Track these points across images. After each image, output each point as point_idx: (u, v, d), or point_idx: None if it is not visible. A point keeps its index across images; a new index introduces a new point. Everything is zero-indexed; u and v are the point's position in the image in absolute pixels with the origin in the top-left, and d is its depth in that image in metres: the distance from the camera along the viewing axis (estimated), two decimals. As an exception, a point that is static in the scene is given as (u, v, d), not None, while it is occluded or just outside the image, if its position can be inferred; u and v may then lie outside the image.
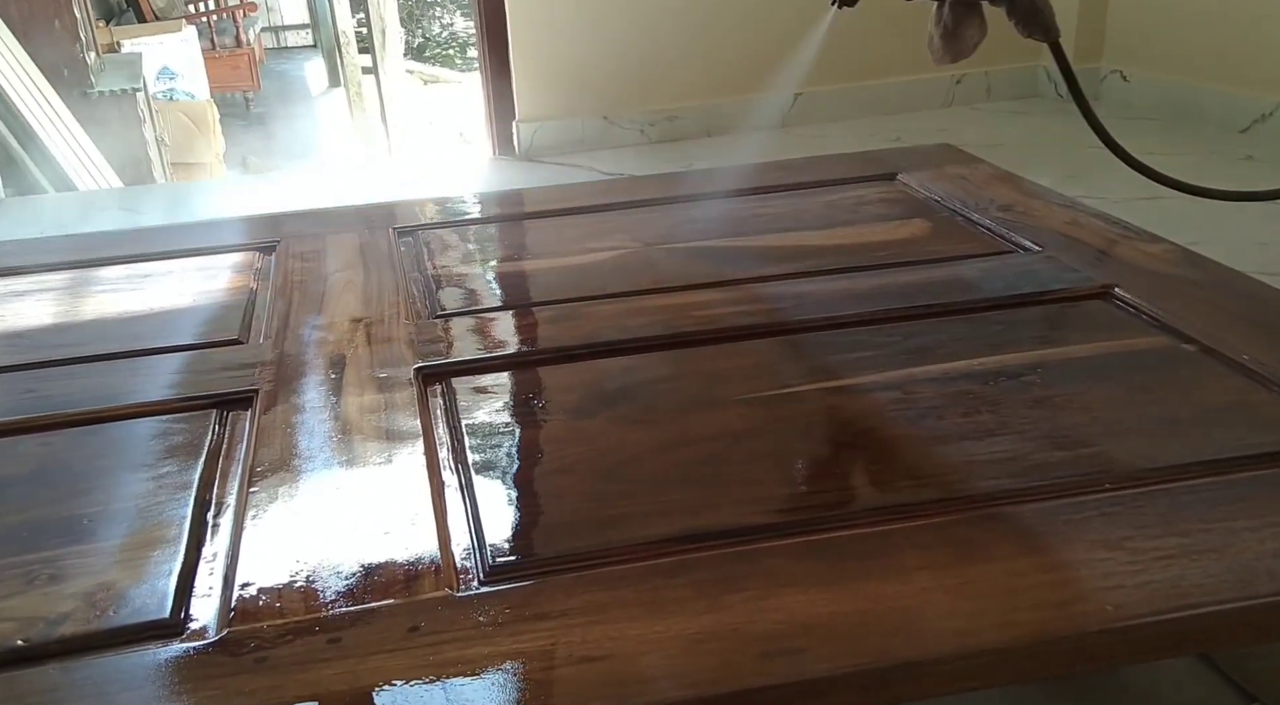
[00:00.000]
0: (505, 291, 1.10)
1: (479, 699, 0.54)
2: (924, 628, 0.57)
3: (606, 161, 2.85)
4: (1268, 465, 0.70)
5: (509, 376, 0.90)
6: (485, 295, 1.08)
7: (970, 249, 1.12)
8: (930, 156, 1.48)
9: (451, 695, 0.54)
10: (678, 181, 1.50)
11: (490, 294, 1.09)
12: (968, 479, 0.71)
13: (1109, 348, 0.88)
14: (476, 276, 1.14)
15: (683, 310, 1.01)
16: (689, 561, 0.64)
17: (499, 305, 1.05)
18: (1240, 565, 0.60)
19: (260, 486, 0.74)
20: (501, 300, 1.07)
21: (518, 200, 1.45)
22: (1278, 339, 0.87)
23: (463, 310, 1.04)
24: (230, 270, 1.18)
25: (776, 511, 0.69)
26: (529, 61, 2.91)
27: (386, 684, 0.55)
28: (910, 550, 0.64)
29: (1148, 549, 0.62)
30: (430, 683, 0.55)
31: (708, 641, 0.57)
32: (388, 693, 0.54)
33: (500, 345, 0.95)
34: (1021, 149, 2.74)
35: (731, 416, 0.82)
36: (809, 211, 1.31)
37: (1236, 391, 0.80)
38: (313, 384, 0.88)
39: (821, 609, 0.59)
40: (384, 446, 0.78)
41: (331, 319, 1.01)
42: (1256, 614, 0.58)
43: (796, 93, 3.08)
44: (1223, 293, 0.97)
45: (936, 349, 0.90)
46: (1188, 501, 0.66)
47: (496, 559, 0.65)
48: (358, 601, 0.61)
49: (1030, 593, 0.59)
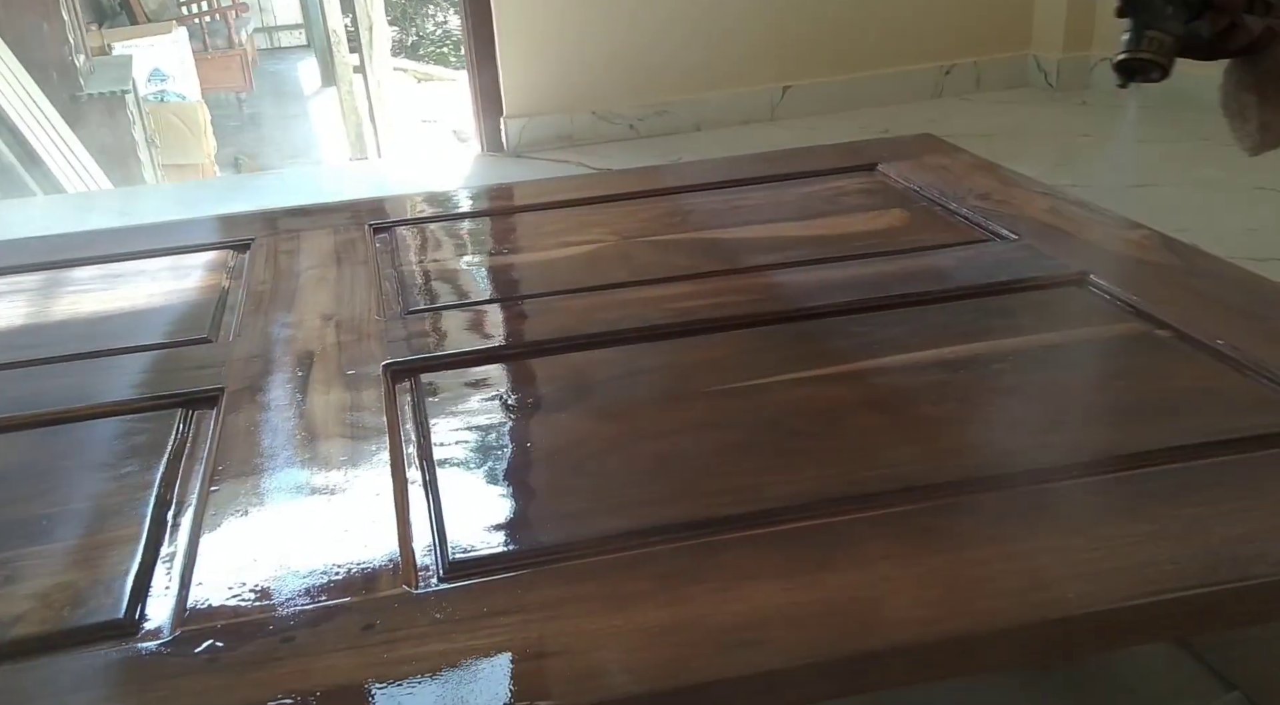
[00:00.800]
0: (478, 287, 1.09)
1: (431, 697, 0.53)
2: (885, 618, 0.57)
3: (595, 157, 2.84)
4: (1236, 450, 0.69)
5: (479, 372, 0.89)
6: (458, 291, 1.08)
7: (947, 238, 1.11)
8: (910, 147, 1.47)
9: (403, 694, 0.53)
10: (657, 175, 1.49)
11: (463, 289, 1.08)
12: (934, 468, 0.70)
13: (1082, 335, 0.88)
14: (450, 272, 1.13)
15: (657, 303, 1.00)
16: (651, 555, 0.63)
17: (471, 301, 1.05)
18: (1206, 551, 0.60)
19: (221, 486, 0.73)
20: (474, 296, 1.06)
21: (496, 196, 1.44)
22: (1251, 323, 0.86)
23: (435, 306, 1.03)
24: (203, 269, 1.18)
25: (740, 503, 0.68)
26: (516, 57, 2.90)
27: (338, 683, 0.54)
28: (874, 540, 0.63)
29: (1113, 536, 0.61)
30: (383, 682, 0.54)
31: (667, 634, 0.57)
32: (339, 692, 0.53)
33: (471, 340, 0.94)
34: (1012, 139, 2.73)
35: (700, 409, 0.81)
36: (788, 203, 1.30)
37: (1208, 377, 0.80)
38: (279, 382, 0.87)
39: (782, 600, 0.58)
40: (348, 444, 0.77)
41: (301, 317, 1.00)
42: (1221, 600, 0.57)
43: (786, 86, 3.07)
44: (1198, 278, 0.96)
45: (908, 339, 0.90)
46: (1154, 488, 0.66)
47: (456, 555, 0.64)
48: (313, 600, 0.61)
49: (993, 581, 0.58)
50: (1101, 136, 2.66)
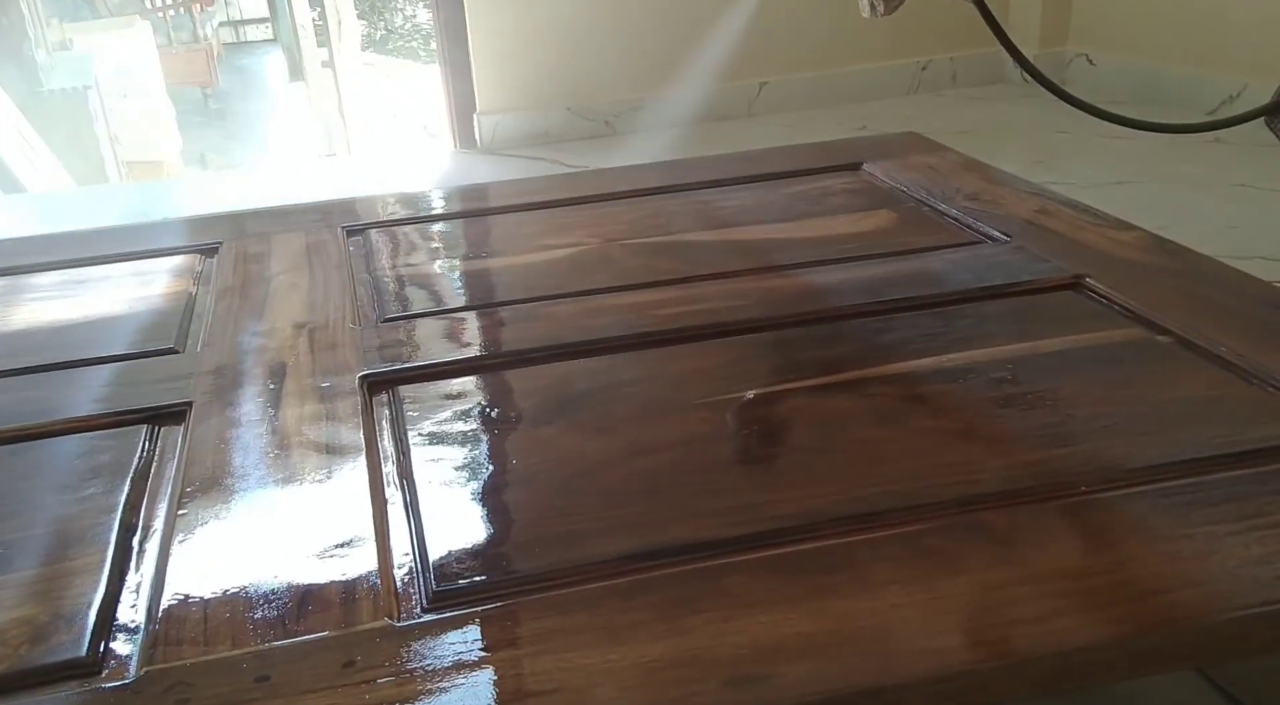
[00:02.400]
0: (458, 292, 1.05)
1: (417, 742, 0.49)
2: (896, 649, 0.54)
3: (571, 154, 2.80)
4: (1249, 464, 0.67)
5: (460, 383, 0.86)
6: (437, 297, 1.04)
7: (937, 240, 1.09)
8: (895, 145, 1.44)
9: (388, 738, 0.50)
10: (639, 175, 1.45)
11: (442, 295, 1.04)
12: (937, 484, 0.67)
13: (1082, 341, 0.85)
14: (428, 277, 1.09)
15: (644, 309, 0.97)
16: (647, 581, 0.60)
17: (451, 307, 1.01)
18: (1225, 574, 0.57)
19: (190, 508, 0.69)
20: (452, 302, 1.02)
21: (473, 196, 1.40)
22: (1255, 329, 0.84)
23: (413, 313, 0.99)
24: (169, 274, 1.13)
25: (738, 524, 0.65)
26: (489, 52, 2.86)
27: (317, 727, 0.50)
28: (878, 563, 0.60)
29: (1129, 558, 0.59)
30: (365, 724, 0.51)
31: (667, 670, 0.53)
32: (318, 737, 0.50)
33: (451, 350, 0.91)
34: (988, 135, 2.72)
35: (694, 421, 0.78)
36: (774, 204, 1.28)
37: (1214, 385, 0.78)
38: (250, 395, 0.83)
39: (787, 630, 0.56)
40: (324, 462, 0.73)
41: (273, 325, 0.96)
42: (1244, 628, 0.55)
43: (763, 82, 3.04)
44: (1197, 281, 0.94)
45: (904, 346, 0.87)
46: (1167, 505, 0.63)
47: (441, 584, 0.61)
48: (289, 634, 0.57)
49: (1007, 608, 0.56)
50: (1078, 133, 2.65)
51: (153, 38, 6.37)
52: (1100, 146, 2.53)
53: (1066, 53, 3.10)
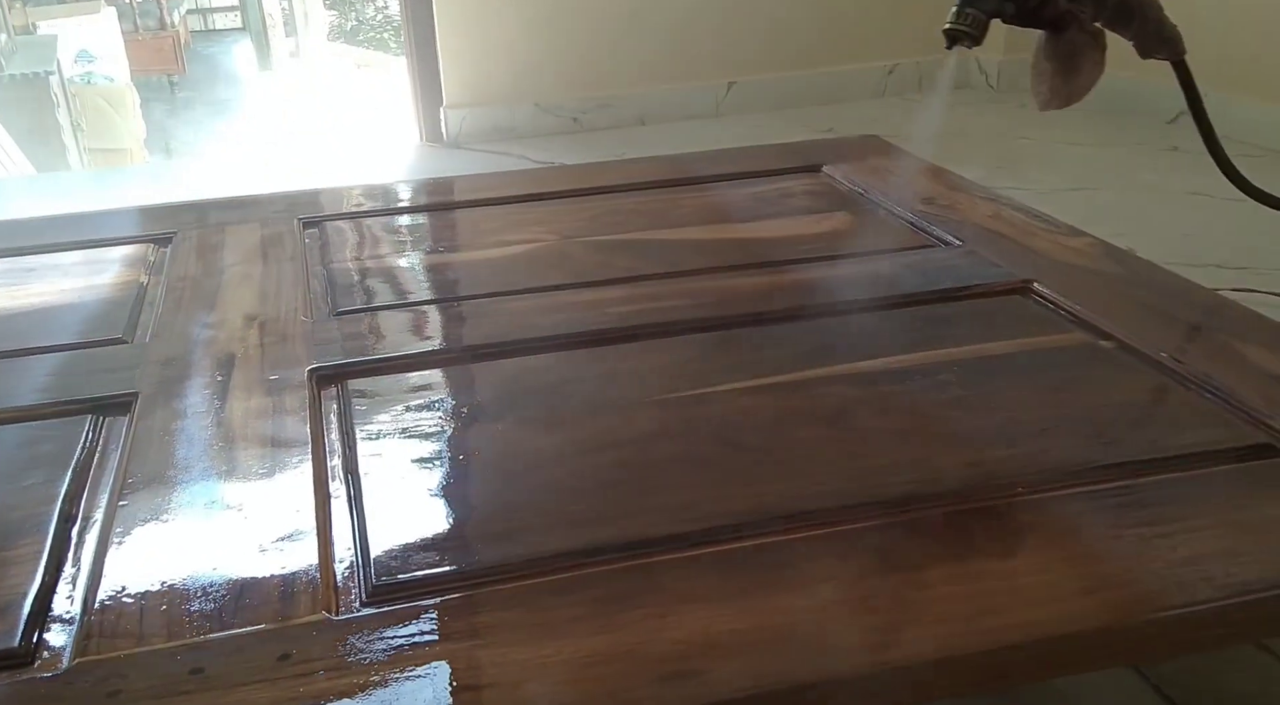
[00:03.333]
0: (412, 287, 1.05)
1: (349, 735, 0.50)
2: (828, 645, 0.55)
3: (537, 149, 2.79)
4: (1182, 467, 0.69)
5: (410, 378, 0.86)
6: (391, 291, 1.04)
7: (892, 243, 1.10)
8: (855, 148, 1.45)
9: (319, 732, 0.50)
10: (599, 172, 1.46)
11: (396, 289, 1.04)
12: (878, 484, 0.68)
13: (1026, 345, 0.87)
14: (383, 270, 1.09)
15: (598, 307, 0.97)
16: (586, 577, 0.61)
17: (404, 302, 1.01)
18: (1151, 575, 0.59)
19: (131, 500, 0.69)
20: (407, 296, 1.02)
21: (432, 190, 1.40)
22: (1194, 334, 0.86)
23: (365, 307, 0.99)
24: (120, 264, 1.12)
25: (681, 522, 0.66)
26: (456, 45, 2.84)
27: (248, 720, 0.50)
28: (817, 560, 0.61)
29: (1059, 559, 0.60)
30: (297, 717, 0.51)
31: (599, 665, 0.54)
32: (249, 730, 0.50)
33: (402, 344, 0.90)
34: (952, 140, 2.74)
35: (642, 419, 0.79)
36: (733, 204, 1.28)
37: (1153, 390, 0.79)
38: (197, 387, 0.83)
39: (722, 626, 0.56)
40: (268, 455, 0.73)
41: (224, 316, 0.96)
42: (1168, 627, 0.56)
43: (731, 82, 3.05)
44: (1142, 287, 0.96)
45: (854, 347, 0.88)
46: (1100, 507, 0.64)
47: (381, 578, 0.61)
48: (225, 627, 0.57)
49: (938, 605, 0.57)
50: (1040, 139, 2.68)
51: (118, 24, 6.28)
52: (1062, 153, 2.56)
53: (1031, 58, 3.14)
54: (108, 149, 5.04)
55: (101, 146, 4.97)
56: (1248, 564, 0.59)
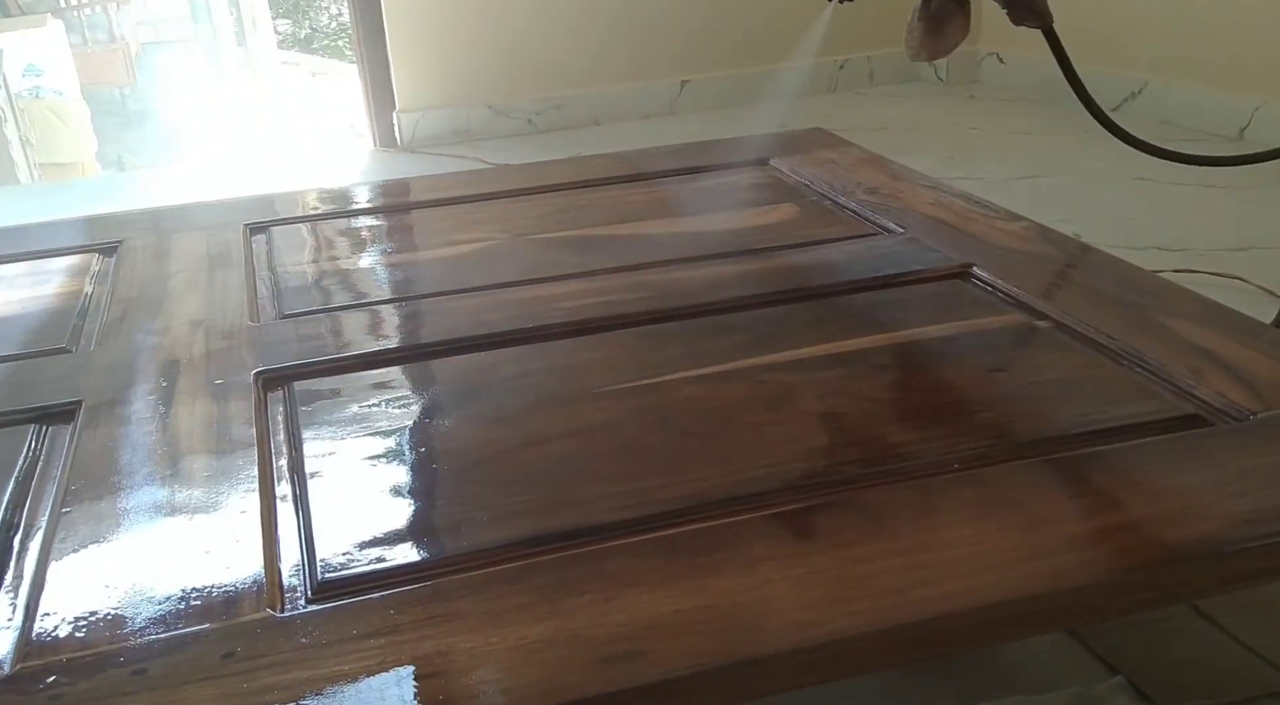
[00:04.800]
0: (360, 288, 1.05)
1: (293, 727, 0.50)
2: (767, 622, 0.56)
3: (492, 152, 2.79)
4: (1113, 440, 0.70)
5: (358, 377, 0.86)
6: (338, 292, 1.04)
7: (836, 232, 1.12)
8: (802, 141, 1.47)
9: (263, 725, 0.50)
10: (549, 171, 1.46)
11: (344, 291, 1.04)
12: (818, 465, 0.70)
13: (964, 327, 0.88)
14: (331, 273, 1.09)
15: (547, 302, 0.98)
16: (532, 566, 0.61)
17: (352, 303, 1.01)
18: (1082, 543, 0.60)
19: (74, 507, 0.68)
20: (355, 298, 1.02)
21: (381, 192, 1.40)
22: (1126, 312, 0.88)
23: (312, 309, 0.99)
24: (64, 274, 1.11)
25: (626, 508, 0.66)
26: (408, 49, 2.83)
27: (192, 717, 0.51)
28: (757, 541, 0.62)
29: (991, 531, 0.61)
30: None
31: (545, 650, 0.55)
32: (192, 727, 0.50)
33: (350, 345, 0.91)
34: (904, 132, 2.77)
35: (589, 410, 0.80)
36: (681, 199, 1.29)
37: (1085, 366, 0.81)
38: (142, 393, 0.82)
39: (665, 608, 0.57)
40: (214, 459, 0.73)
41: (169, 323, 0.95)
42: (1098, 592, 0.58)
43: (684, 80, 3.07)
44: (1076, 268, 0.98)
45: (797, 334, 0.89)
46: (1031, 480, 0.66)
47: (326, 575, 0.61)
48: (169, 628, 0.57)
49: (874, 579, 0.58)
50: (989, 130, 2.72)
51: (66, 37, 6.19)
52: (1010, 143, 2.59)
53: (978, 52, 3.18)
54: (59, 163, 4.97)
55: (52, 161, 4.90)
56: (1176, 528, 0.61)
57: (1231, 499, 0.63)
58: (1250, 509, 0.62)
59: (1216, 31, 2.53)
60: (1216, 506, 0.63)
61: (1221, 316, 0.87)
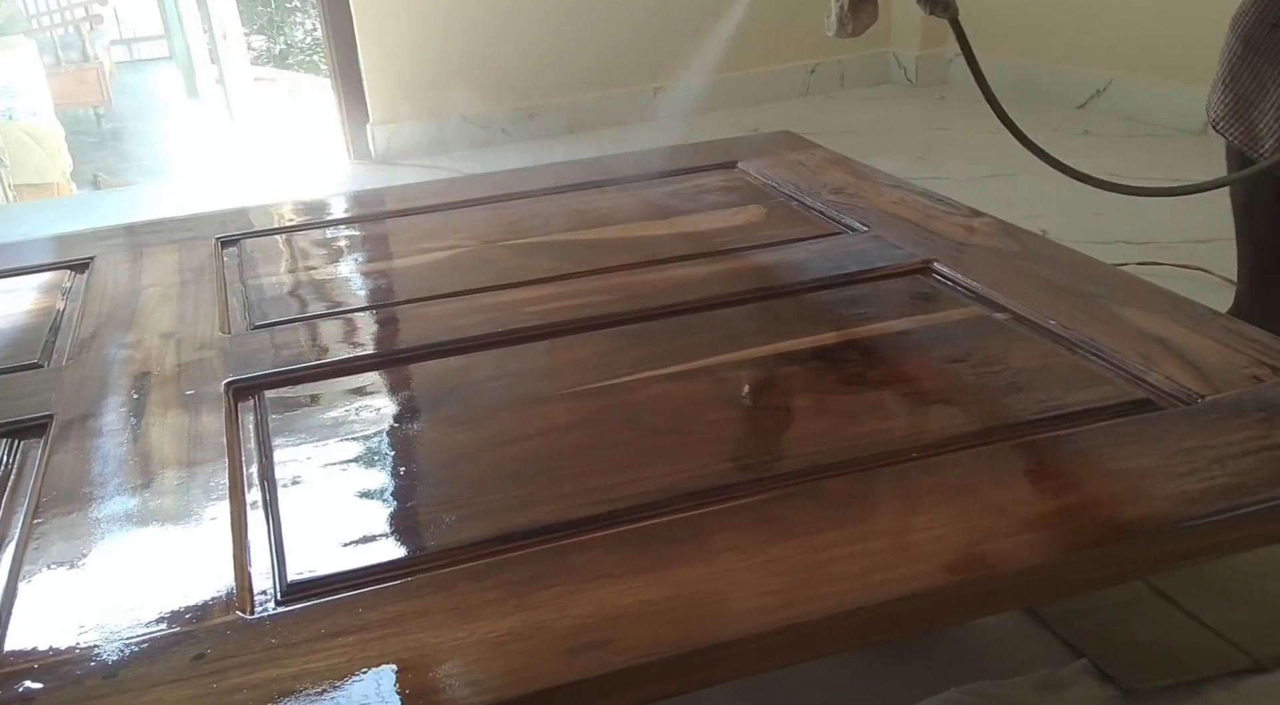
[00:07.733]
0: (330, 297, 1.06)
1: (263, 724, 0.51)
2: (729, 609, 0.57)
3: (467, 162, 2.80)
4: (1067, 425, 0.72)
5: (327, 385, 0.87)
6: (309, 302, 1.04)
7: (801, 232, 1.13)
8: (770, 144, 1.49)
9: (233, 723, 0.51)
10: (519, 178, 1.47)
11: (315, 301, 1.05)
12: (782, 458, 0.71)
13: (925, 321, 0.90)
14: (301, 284, 1.10)
15: (516, 307, 0.99)
16: (500, 563, 0.62)
17: (323, 312, 1.01)
18: (1038, 523, 0.62)
19: (46, 518, 0.69)
20: (326, 307, 1.03)
21: (351, 203, 1.41)
22: (1082, 303, 0.89)
23: (283, 319, 0.99)
24: (36, 291, 1.11)
25: (592, 504, 0.68)
26: (380, 61, 2.84)
27: (163, 717, 0.51)
28: (720, 532, 0.63)
29: (948, 515, 0.63)
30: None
31: (513, 642, 0.56)
32: (164, 727, 0.51)
33: (321, 353, 0.91)
34: (874, 134, 2.80)
35: (557, 411, 0.81)
36: (650, 203, 1.31)
37: (1041, 356, 0.83)
38: (113, 406, 0.83)
39: (630, 598, 0.58)
40: (185, 468, 0.74)
41: (140, 337, 0.96)
42: (1056, 571, 0.60)
43: (657, 87, 3.09)
44: (1036, 262, 1.00)
45: (762, 332, 0.91)
46: (987, 466, 0.68)
47: (295, 577, 0.62)
48: (140, 633, 0.58)
49: (834, 566, 0.59)
50: (958, 130, 2.75)
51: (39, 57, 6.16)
52: (979, 142, 2.62)
53: (947, 52, 3.21)
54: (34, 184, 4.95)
55: (27, 182, 4.88)
56: (1127, 508, 0.63)
57: (1180, 479, 0.65)
58: (1198, 488, 0.64)
59: (1179, 27, 2.57)
60: (1166, 486, 0.64)
61: (1175, 305, 0.89)
